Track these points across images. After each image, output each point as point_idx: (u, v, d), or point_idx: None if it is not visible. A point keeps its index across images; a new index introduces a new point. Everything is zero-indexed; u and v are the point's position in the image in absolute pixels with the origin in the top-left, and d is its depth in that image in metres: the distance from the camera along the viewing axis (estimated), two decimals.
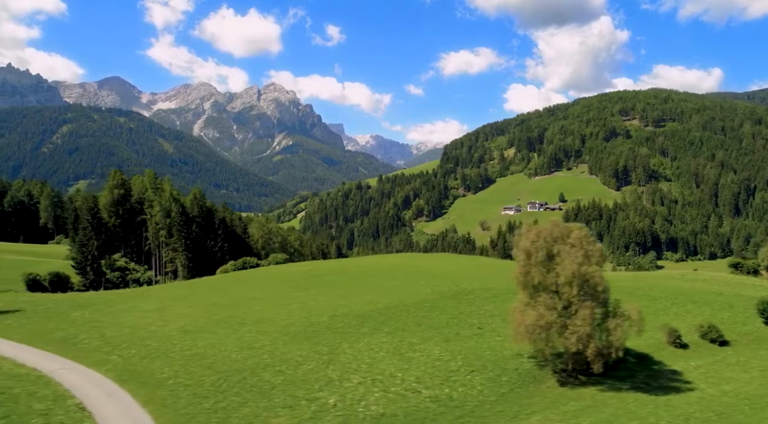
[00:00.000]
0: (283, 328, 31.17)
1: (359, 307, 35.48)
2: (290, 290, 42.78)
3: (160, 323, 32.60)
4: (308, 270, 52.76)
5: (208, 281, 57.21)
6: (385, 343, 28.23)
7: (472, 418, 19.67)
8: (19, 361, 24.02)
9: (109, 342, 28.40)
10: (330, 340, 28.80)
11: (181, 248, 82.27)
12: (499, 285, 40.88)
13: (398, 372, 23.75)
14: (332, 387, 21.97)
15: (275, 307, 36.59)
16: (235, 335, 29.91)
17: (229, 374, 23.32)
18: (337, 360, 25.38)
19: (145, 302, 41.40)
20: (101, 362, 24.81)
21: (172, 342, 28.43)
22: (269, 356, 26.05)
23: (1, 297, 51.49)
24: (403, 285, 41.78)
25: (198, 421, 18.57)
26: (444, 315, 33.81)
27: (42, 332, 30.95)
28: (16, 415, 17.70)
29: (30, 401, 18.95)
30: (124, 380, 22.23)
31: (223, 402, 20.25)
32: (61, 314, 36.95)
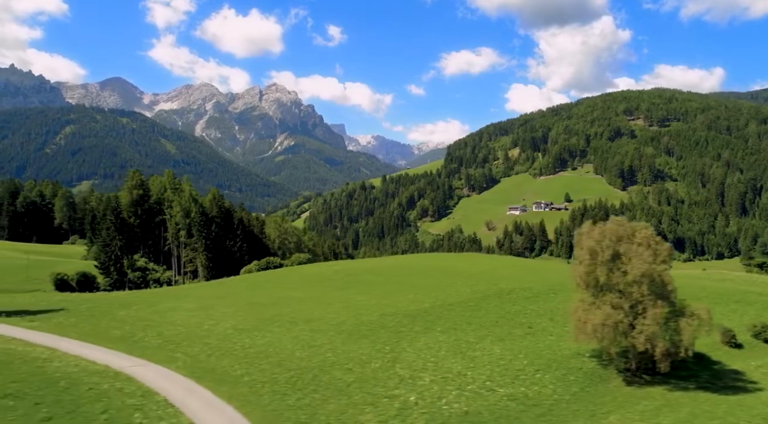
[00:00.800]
0: (335, 327, 31.35)
1: (405, 306, 35.64)
2: (328, 290, 42.97)
3: (211, 322, 32.80)
4: (339, 270, 52.93)
5: (239, 280, 57.43)
6: (443, 342, 28.40)
7: (552, 416, 19.82)
8: (90, 358, 24.22)
9: (169, 340, 28.59)
10: (387, 339, 28.97)
11: (201, 248, 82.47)
12: (537, 285, 41.04)
13: (466, 371, 23.92)
14: (406, 385, 22.14)
15: (319, 306, 36.76)
16: (289, 333, 30.10)
17: (300, 372, 23.50)
18: (402, 358, 25.55)
19: (184, 301, 41.60)
20: (169, 359, 25.00)
21: (230, 340, 28.62)
22: (332, 354, 26.24)
23: (35, 296, 51.86)
24: (441, 285, 41.92)
25: (286, 417, 18.74)
26: (491, 314, 33.96)
27: (97, 330, 31.17)
28: (114, 409, 17.92)
29: (120, 397, 19.18)
30: (198, 377, 22.42)
31: (305, 399, 20.43)
32: (106, 313, 37.15)
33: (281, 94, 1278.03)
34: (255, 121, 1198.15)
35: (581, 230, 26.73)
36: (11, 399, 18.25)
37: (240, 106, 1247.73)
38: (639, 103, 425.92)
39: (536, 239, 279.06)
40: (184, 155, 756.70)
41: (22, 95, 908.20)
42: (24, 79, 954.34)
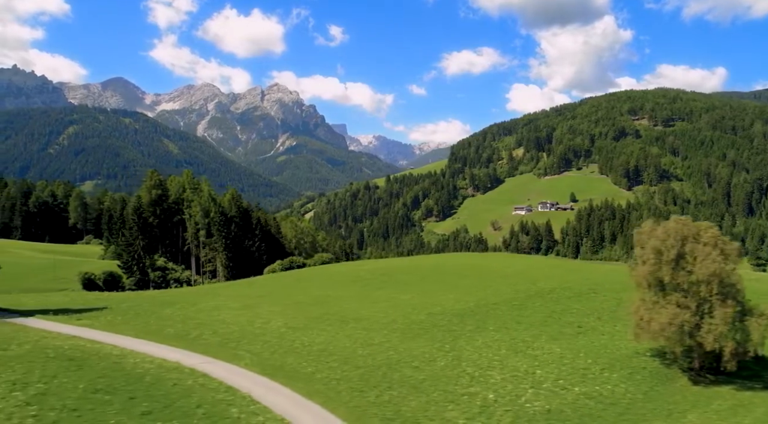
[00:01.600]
0: (388, 325, 31.48)
1: (450, 305, 35.77)
2: (367, 289, 43.11)
3: (261, 321, 32.94)
4: (371, 269, 53.06)
5: (269, 279, 57.59)
6: (499, 340, 28.51)
7: (632, 415, 19.92)
8: (157, 355, 24.36)
9: (226, 338, 28.73)
10: (442, 337, 29.10)
11: (221, 247, 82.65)
12: (576, 284, 41.14)
13: (533, 369, 24.02)
14: (478, 383, 22.25)
15: (364, 305, 36.91)
16: (343, 332, 30.23)
17: (370, 370, 23.63)
18: (465, 357, 25.67)
19: (224, 300, 41.75)
20: (234, 357, 25.12)
21: (287, 339, 28.75)
22: (394, 352, 26.36)
23: (67, 295, 52.07)
24: (480, 284, 42.05)
25: (372, 413, 18.86)
26: (537, 314, 34.05)
27: (149, 328, 31.30)
28: (207, 404, 18.07)
29: (207, 392, 19.33)
30: (271, 375, 22.55)
31: (383, 396, 20.55)
32: (149, 311, 37.31)
33: (283, 95, 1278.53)
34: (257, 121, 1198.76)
35: (642, 229, 26.82)
36: (104, 394, 18.41)
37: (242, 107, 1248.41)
38: (643, 103, 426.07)
39: (542, 239, 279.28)
40: (187, 155, 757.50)
41: (25, 96, 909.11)
42: (27, 79, 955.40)
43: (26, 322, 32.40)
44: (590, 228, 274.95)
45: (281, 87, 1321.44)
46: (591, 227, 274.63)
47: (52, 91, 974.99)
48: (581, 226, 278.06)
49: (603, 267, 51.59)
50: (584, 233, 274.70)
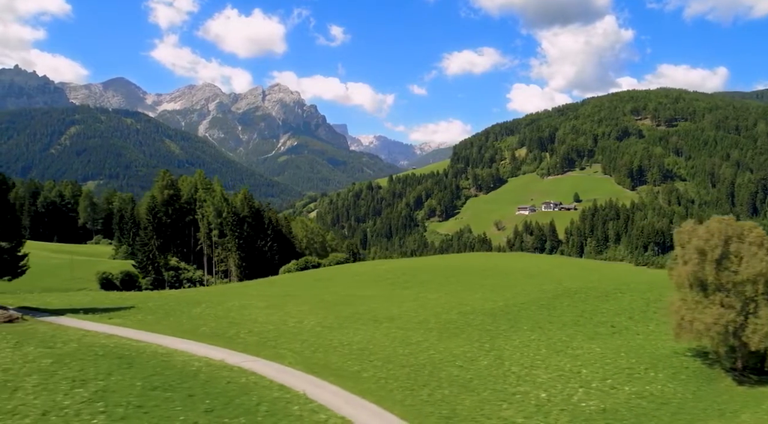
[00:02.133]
0: (421, 325, 31.53)
1: (479, 305, 35.82)
2: (392, 289, 43.16)
3: (294, 320, 32.97)
4: (390, 269, 53.10)
5: (288, 279, 57.60)
6: (536, 340, 28.55)
7: (685, 415, 19.94)
8: (200, 353, 24.38)
9: (264, 337, 28.75)
10: (478, 336, 29.14)
11: (234, 247, 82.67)
12: (601, 284, 41.21)
13: (578, 369, 24.05)
14: (526, 383, 22.28)
15: (393, 304, 36.95)
16: (379, 331, 30.27)
17: (415, 369, 23.67)
18: (506, 356, 25.71)
19: (250, 299, 41.72)
20: (277, 355, 25.13)
21: (324, 338, 28.77)
22: (435, 351, 26.40)
23: (88, 294, 52.11)
24: (505, 284, 42.10)
25: (428, 412, 18.88)
26: (568, 314, 34.10)
27: (184, 327, 31.30)
28: (266, 401, 18.08)
29: (262, 390, 19.34)
30: (317, 373, 22.56)
31: (435, 395, 20.59)
32: (178, 310, 37.30)
33: (284, 95, 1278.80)
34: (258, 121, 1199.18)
35: (682, 229, 26.85)
36: (162, 391, 18.44)
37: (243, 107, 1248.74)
38: (646, 102, 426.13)
39: (546, 239, 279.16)
40: (188, 155, 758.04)
41: (27, 96, 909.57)
42: (28, 79, 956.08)
43: (60, 321, 32.42)
44: (594, 228, 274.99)
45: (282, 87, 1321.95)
46: (595, 227, 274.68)
47: (53, 92, 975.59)
48: (585, 226, 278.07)
49: (622, 267, 51.75)
50: (588, 233, 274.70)
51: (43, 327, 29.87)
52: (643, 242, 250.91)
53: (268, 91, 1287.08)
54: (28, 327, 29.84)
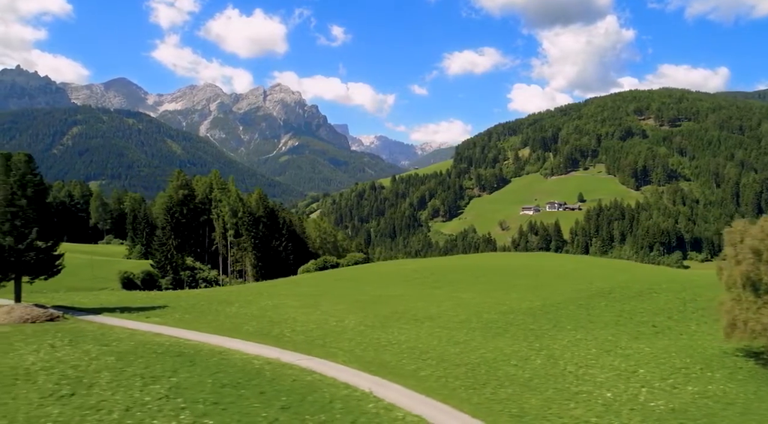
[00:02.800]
0: (463, 324, 31.51)
1: (516, 304, 35.80)
2: (424, 288, 43.14)
3: (334, 319, 32.95)
4: (416, 268, 53.09)
5: (313, 278, 57.51)
6: (582, 339, 28.50)
7: (752, 415, 19.81)
8: (251, 352, 24.37)
9: (310, 336, 28.72)
10: (524, 336, 29.11)
11: (250, 247, 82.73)
12: (633, 284, 41.16)
13: (632, 368, 23.98)
14: (585, 382, 22.21)
15: (429, 304, 36.92)
16: (422, 330, 30.25)
17: (470, 368, 23.62)
18: (557, 356, 25.65)
19: (280, 299, 41.73)
20: (328, 354, 25.08)
21: (370, 336, 28.74)
22: (485, 350, 26.35)
23: (113, 294, 52.16)
24: (537, 284, 42.07)
25: (497, 410, 18.82)
26: (607, 314, 34.05)
27: (224, 326, 31.26)
28: (338, 398, 18.06)
29: (329, 388, 19.33)
30: (375, 372, 22.48)
31: (499, 394, 20.52)
32: (212, 310, 37.31)
33: (285, 95, 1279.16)
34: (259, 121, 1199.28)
35: (734, 228, 26.77)
36: (231, 388, 18.47)
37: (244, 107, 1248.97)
38: (649, 102, 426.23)
39: (551, 239, 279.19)
40: (190, 156, 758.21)
41: (28, 96, 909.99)
42: (30, 80, 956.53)
43: (100, 319, 32.47)
44: (599, 228, 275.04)
45: (283, 87, 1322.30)
46: (600, 227, 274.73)
47: (55, 92, 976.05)
48: (590, 226, 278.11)
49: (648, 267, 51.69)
50: (593, 233, 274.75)
51: (87, 326, 29.91)
52: (649, 242, 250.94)
53: (270, 92, 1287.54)
54: (72, 325, 29.89)
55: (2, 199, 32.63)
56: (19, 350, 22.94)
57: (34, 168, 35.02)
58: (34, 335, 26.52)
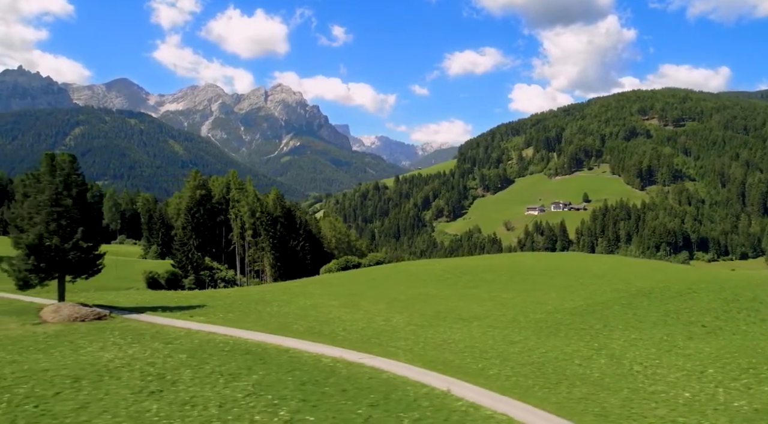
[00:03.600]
0: (512, 324, 31.39)
1: (559, 304, 35.68)
2: (460, 288, 43.02)
3: (380, 318, 32.82)
4: (446, 268, 52.94)
5: (340, 278, 57.35)
6: (638, 339, 28.35)
7: None
8: (311, 350, 24.25)
9: (364, 335, 28.55)
10: (577, 335, 28.98)
11: (269, 247, 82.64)
12: (673, 284, 41.02)
13: (699, 368, 23.81)
14: (658, 382, 22.04)
15: (471, 303, 36.79)
16: (473, 330, 30.11)
17: (536, 367, 23.46)
18: (619, 355, 25.51)
19: (316, 298, 41.62)
20: (388, 353, 24.89)
21: (423, 335, 28.59)
22: (545, 350, 26.21)
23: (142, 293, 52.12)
24: (575, 284, 41.95)
25: (579, 409, 18.66)
26: (652, 313, 33.90)
27: (272, 325, 31.05)
28: (422, 398, 17.86)
29: (408, 386, 19.20)
30: (441, 370, 22.32)
31: (574, 393, 20.35)
32: (253, 309, 37.16)
33: (286, 95, 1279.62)
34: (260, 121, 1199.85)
35: None
36: (313, 385, 18.34)
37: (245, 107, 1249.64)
38: (653, 102, 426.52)
39: (557, 240, 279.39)
40: (192, 156, 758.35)
41: (30, 97, 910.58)
42: (32, 80, 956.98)
43: (146, 318, 32.35)
44: (605, 228, 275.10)
45: (285, 87, 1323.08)
46: (606, 227, 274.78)
47: (57, 93, 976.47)
48: (596, 226, 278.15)
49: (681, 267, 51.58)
50: (599, 233, 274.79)
51: (137, 324, 29.81)
52: (655, 242, 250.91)
53: (271, 92, 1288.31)
54: (122, 324, 29.79)
55: (48, 199, 32.55)
56: (86, 347, 22.86)
57: (77, 168, 34.97)
58: (91, 333, 26.44)
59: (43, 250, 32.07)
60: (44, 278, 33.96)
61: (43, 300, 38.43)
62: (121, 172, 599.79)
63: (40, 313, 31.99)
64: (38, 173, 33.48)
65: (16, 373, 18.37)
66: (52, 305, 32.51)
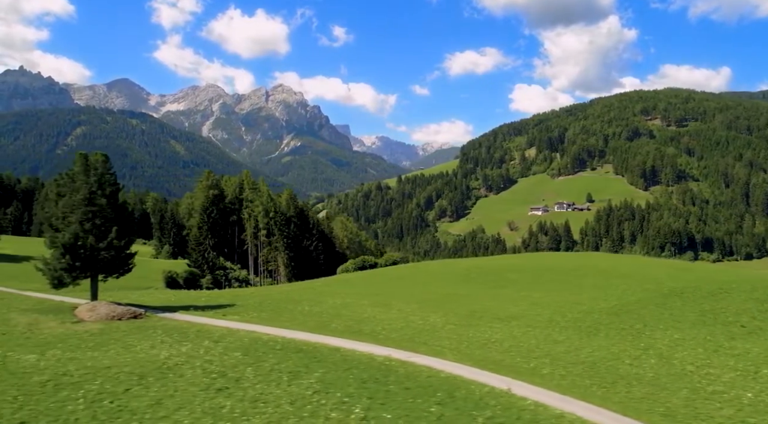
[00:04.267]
0: (550, 323, 31.19)
1: (594, 304, 35.50)
2: (488, 288, 42.85)
3: (417, 318, 32.62)
4: (468, 267, 52.76)
5: (362, 277, 57.14)
6: (681, 339, 28.17)
7: None
8: (362, 350, 24.10)
9: (404, 334, 28.33)
10: (619, 335, 28.79)
11: (282, 247, 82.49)
12: (703, 284, 40.85)
13: (753, 368, 23.62)
14: (714, 382, 21.82)
15: (504, 303, 36.61)
16: (513, 329, 29.92)
17: (587, 367, 23.28)
18: (667, 355, 25.32)
19: (347, 298, 41.44)
20: (435, 352, 24.66)
21: (465, 335, 28.38)
22: (590, 349, 26.03)
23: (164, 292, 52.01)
24: (605, 284, 41.79)
25: (643, 409, 18.48)
26: (689, 313, 33.72)
27: (308, 324, 30.83)
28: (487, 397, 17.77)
29: (469, 385, 19.04)
30: (494, 370, 22.12)
31: (634, 392, 20.17)
32: (286, 308, 36.90)
33: (287, 95, 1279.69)
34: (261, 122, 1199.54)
35: None
36: (374, 383, 18.21)
37: (246, 107, 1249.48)
38: (656, 103, 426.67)
39: (561, 240, 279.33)
40: (193, 156, 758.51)
41: (32, 97, 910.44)
42: (33, 80, 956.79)
43: (182, 317, 32.14)
44: (609, 228, 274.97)
45: (285, 88, 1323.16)
46: (610, 228, 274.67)
47: (58, 93, 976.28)
48: (600, 226, 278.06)
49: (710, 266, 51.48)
50: (603, 234, 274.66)
51: (176, 323, 29.64)
52: (660, 243, 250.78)
53: (272, 92, 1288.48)
54: (161, 323, 29.62)
55: (83, 198, 32.45)
56: (135, 345, 22.75)
57: (110, 168, 34.92)
58: (134, 331, 26.29)
59: (78, 249, 31.93)
60: (77, 276, 33.80)
61: (72, 299, 38.29)
62: (122, 173, 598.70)
63: (75, 311, 31.87)
64: (72, 173, 33.42)
65: (80, 370, 18.26)
66: (87, 304, 32.38)
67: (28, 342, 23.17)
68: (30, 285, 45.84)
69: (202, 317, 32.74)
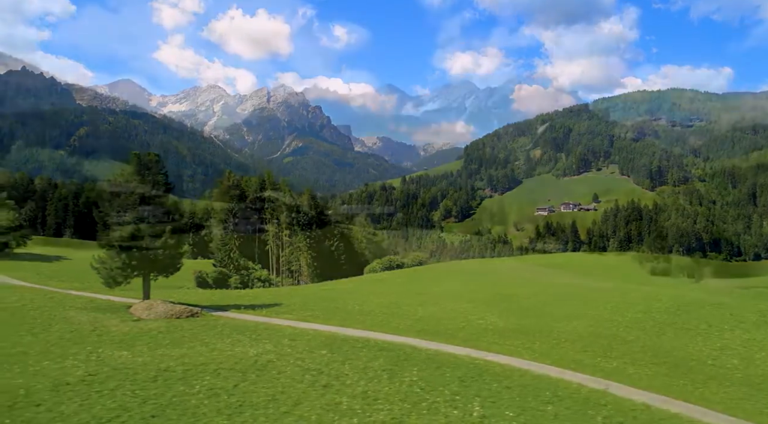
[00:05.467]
0: (615, 322, 30.98)
1: (650, 304, 35.15)
2: (537, 285, 42.56)
3: (474, 317, 32.30)
4: (509, 267, 52.55)
5: (395, 276, 56.88)
6: (752, 339, 27.78)
7: None
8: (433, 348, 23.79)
9: (471, 333, 28.00)
10: (688, 335, 28.50)
11: (305, 247, 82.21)
12: (750, 283, 40.63)
13: None
14: None
15: (556, 301, 36.37)
16: (581, 328, 29.64)
17: (670, 366, 23.02)
18: (748, 356, 24.99)
19: (387, 297, 41.14)
20: (509, 351, 24.22)
21: (531, 334, 28.18)
22: (666, 348, 25.82)
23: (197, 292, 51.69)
24: (650, 282, 41.50)
25: (747, 410, 18.21)
26: (746, 313, 33.19)
27: (366, 322, 30.51)
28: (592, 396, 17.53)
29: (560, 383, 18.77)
30: (574, 369, 21.83)
31: (731, 393, 19.94)
32: (332, 308, 36.57)
33: (289, 96, 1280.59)
34: (263, 122, 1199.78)
35: None
36: (473, 381, 18.00)
37: (248, 108, 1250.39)
38: (660, 103, 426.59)
39: (568, 240, 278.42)
40: (196, 157, 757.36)
41: (34, 97, 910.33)
42: (36, 81, 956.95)
43: (237, 316, 31.82)
44: (616, 229, 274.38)
45: (287, 88, 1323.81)
46: (617, 228, 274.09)
47: (60, 93, 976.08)
48: (607, 227, 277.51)
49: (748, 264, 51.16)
50: (611, 234, 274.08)
51: (236, 322, 29.29)
52: (670, 243, 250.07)
53: (273, 93, 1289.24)
54: (221, 321, 29.28)
55: (138, 198, 32.23)
56: (215, 343, 22.46)
57: (162, 168, 34.73)
58: (202, 329, 25.96)
59: (133, 248, 31.68)
60: (130, 276, 33.59)
61: (118, 298, 38.04)
62: None
63: (130, 310, 31.61)
64: (127, 173, 33.23)
65: (179, 366, 18.00)
66: (142, 303, 32.13)
67: (105, 339, 22.89)
68: (70, 284, 45.60)
69: (257, 316, 32.47)
